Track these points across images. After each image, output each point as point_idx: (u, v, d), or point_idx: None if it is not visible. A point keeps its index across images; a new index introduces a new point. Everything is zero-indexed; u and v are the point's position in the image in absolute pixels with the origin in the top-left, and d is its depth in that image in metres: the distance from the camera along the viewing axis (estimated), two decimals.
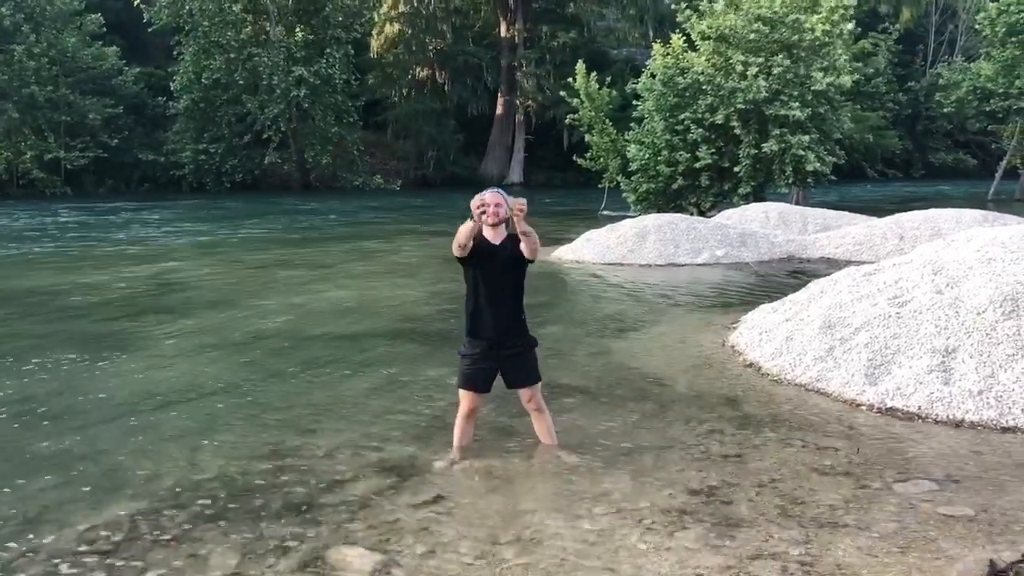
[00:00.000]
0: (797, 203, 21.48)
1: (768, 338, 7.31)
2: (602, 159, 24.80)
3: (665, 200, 22.34)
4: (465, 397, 4.86)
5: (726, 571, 3.51)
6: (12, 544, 3.87)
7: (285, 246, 17.74)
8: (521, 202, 4.46)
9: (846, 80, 21.29)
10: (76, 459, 4.98)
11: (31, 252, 16.56)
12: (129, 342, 8.21)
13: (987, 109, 30.99)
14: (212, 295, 11.18)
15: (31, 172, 34.72)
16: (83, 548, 3.83)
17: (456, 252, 4.66)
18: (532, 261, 4.73)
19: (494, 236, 4.71)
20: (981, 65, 29.78)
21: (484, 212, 4.55)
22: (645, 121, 22.83)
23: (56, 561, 3.71)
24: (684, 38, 22.18)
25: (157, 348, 7.97)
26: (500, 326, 4.70)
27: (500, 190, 4.79)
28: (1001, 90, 28.51)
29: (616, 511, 4.13)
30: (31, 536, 3.95)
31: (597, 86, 24.48)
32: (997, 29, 27.42)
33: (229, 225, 23.07)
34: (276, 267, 14.16)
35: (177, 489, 4.52)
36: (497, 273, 4.68)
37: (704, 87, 21.60)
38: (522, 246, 4.61)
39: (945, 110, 35.19)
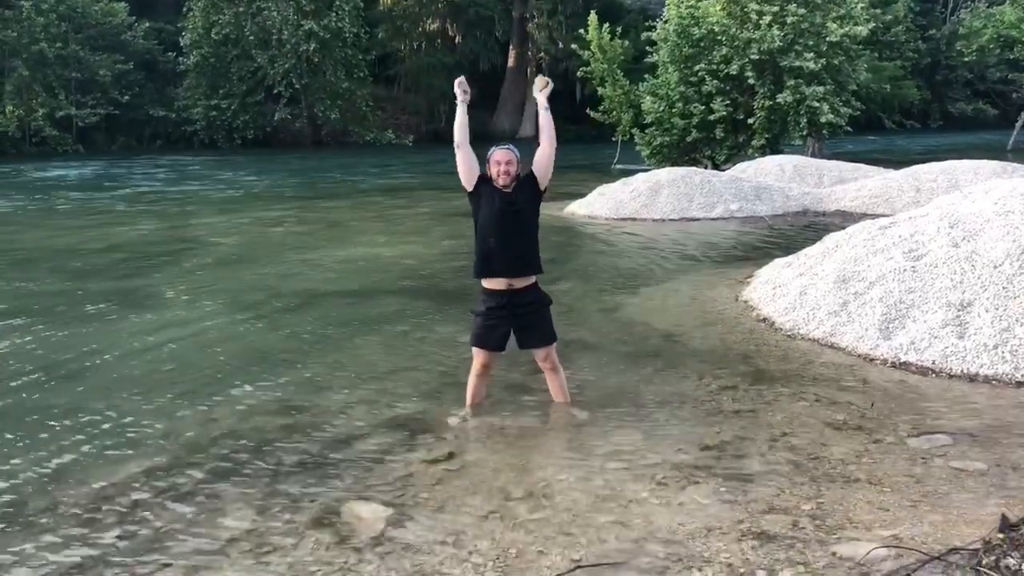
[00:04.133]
0: (813, 155, 21.21)
1: (782, 293, 7.27)
2: (615, 112, 24.53)
3: (679, 153, 22.11)
4: (478, 354, 4.85)
5: (737, 525, 3.53)
6: (32, 503, 3.93)
7: (297, 203, 17.72)
8: (544, 80, 4.71)
9: (861, 30, 20.88)
10: (93, 417, 5.03)
11: (47, 208, 16.61)
12: (144, 300, 8.25)
13: (1009, 57, 30.38)
14: (226, 253, 11.20)
15: (43, 130, 34.71)
16: (101, 506, 3.88)
17: (463, 176, 4.70)
18: (545, 191, 4.74)
19: (505, 187, 4.65)
20: (1004, 11, 29.10)
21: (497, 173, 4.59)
22: (659, 72, 22.52)
23: (75, 520, 3.76)
24: None
25: (171, 306, 8.01)
26: (510, 264, 4.62)
27: (511, 147, 4.73)
28: None
29: (628, 467, 4.15)
30: (50, 495, 4.01)
31: (609, 38, 24.12)
32: None
33: (241, 182, 23.05)
34: (288, 224, 14.17)
35: (193, 445, 4.57)
36: (505, 211, 4.60)
37: (719, 37, 21.24)
38: (544, 137, 4.73)
39: (966, 59, 34.48)
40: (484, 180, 4.69)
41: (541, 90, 4.77)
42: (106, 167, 28.02)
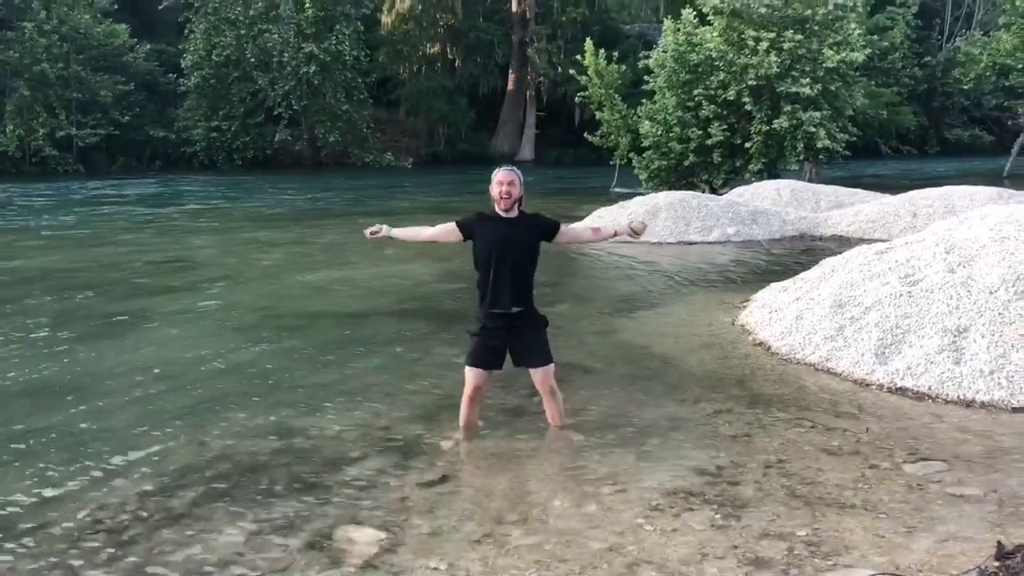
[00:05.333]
0: (810, 180, 21.29)
1: (778, 317, 7.27)
2: (613, 136, 24.62)
3: (677, 177, 22.18)
4: (471, 376, 4.78)
5: (732, 551, 3.51)
6: (24, 523, 3.90)
7: (296, 224, 17.73)
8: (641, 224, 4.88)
9: (858, 56, 21.01)
10: (86, 438, 5.01)
11: (43, 230, 16.61)
12: (140, 320, 8.24)
13: (1005, 84, 30.55)
14: (223, 273, 11.19)
15: (43, 150, 34.77)
16: (93, 527, 3.86)
17: (452, 239, 4.80)
18: (549, 240, 4.76)
19: (506, 211, 4.65)
20: (1000, 38, 29.29)
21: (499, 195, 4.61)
22: (656, 97, 22.64)
23: (67, 540, 3.74)
24: (695, 13, 21.94)
25: (167, 326, 8.00)
26: (509, 299, 4.60)
27: (515, 168, 4.74)
28: (1020, 65, 28.05)
29: (622, 491, 4.13)
30: (42, 515, 3.98)
31: (606, 63, 24.26)
32: (1018, 3, 26.87)
33: (240, 203, 23.08)
34: (287, 245, 14.17)
35: (185, 468, 4.54)
36: (506, 250, 4.59)
37: (716, 63, 21.38)
38: (588, 233, 5.02)
39: (963, 86, 34.64)
40: (474, 222, 4.73)
41: (636, 232, 4.86)
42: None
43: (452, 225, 4.77)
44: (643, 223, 4.91)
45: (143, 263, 12.12)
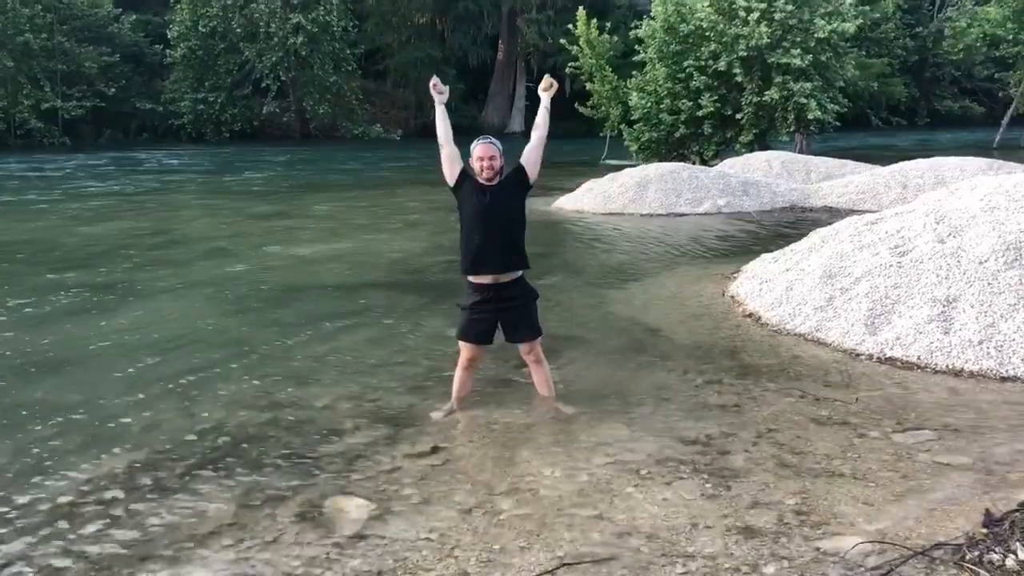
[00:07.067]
0: (800, 151, 21.27)
1: (768, 288, 7.27)
2: (603, 107, 24.49)
3: (667, 149, 22.12)
4: (464, 348, 4.82)
5: (722, 520, 3.52)
6: (12, 496, 3.88)
7: (285, 196, 17.63)
8: (550, 81, 4.94)
9: (849, 26, 20.92)
10: (74, 410, 4.98)
11: (30, 202, 16.46)
12: (128, 293, 8.19)
13: (996, 55, 30.48)
14: (212, 245, 11.13)
15: (29, 122, 34.41)
16: (83, 499, 3.84)
17: (446, 172, 4.73)
18: (531, 187, 4.73)
19: (489, 181, 4.62)
20: (989, 10, 29.20)
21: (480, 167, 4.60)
22: (647, 68, 22.51)
23: (56, 512, 3.72)
24: None
25: (156, 299, 7.95)
26: (497, 261, 4.57)
27: (493, 140, 4.70)
28: (1010, 36, 27.96)
29: (613, 462, 4.13)
30: (31, 487, 3.96)
31: (598, 33, 24.08)
32: None
33: (228, 175, 22.91)
34: (276, 218, 14.09)
35: (175, 440, 4.52)
36: (491, 217, 4.55)
37: (707, 33, 21.25)
38: (536, 134, 4.83)
39: (953, 57, 34.54)
40: (467, 176, 4.67)
41: (545, 90, 4.90)
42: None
43: (459, 161, 4.72)
44: (549, 78, 5.00)
45: (130, 236, 12.02)
